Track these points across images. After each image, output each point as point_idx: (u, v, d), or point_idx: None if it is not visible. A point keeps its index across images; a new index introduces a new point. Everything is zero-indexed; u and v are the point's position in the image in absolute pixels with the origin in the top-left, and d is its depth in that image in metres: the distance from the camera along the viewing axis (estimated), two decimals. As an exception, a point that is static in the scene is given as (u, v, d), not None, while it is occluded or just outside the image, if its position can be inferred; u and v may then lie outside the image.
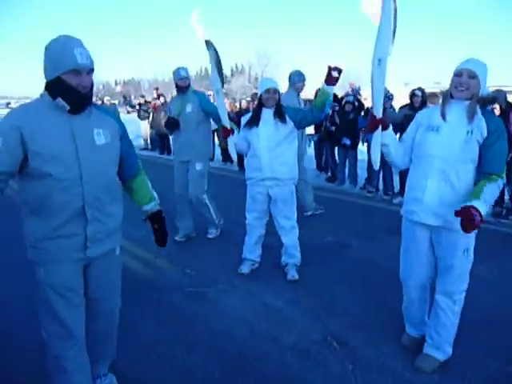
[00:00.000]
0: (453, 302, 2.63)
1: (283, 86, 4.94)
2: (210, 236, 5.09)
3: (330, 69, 3.53)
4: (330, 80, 3.55)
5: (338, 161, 8.24)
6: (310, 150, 8.61)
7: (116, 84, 73.11)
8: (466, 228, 2.15)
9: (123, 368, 2.64)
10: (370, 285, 3.84)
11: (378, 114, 2.55)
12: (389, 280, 3.66)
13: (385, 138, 2.60)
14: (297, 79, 5.67)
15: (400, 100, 9.96)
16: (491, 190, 2.30)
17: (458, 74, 2.41)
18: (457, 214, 2.18)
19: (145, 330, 3.15)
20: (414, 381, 2.59)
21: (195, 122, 4.74)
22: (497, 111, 5.75)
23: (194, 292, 3.76)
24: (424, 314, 2.85)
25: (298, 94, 5.77)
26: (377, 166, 2.68)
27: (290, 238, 4.05)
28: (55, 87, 1.90)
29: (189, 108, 4.71)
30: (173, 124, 4.78)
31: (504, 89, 7.70)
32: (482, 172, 2.38)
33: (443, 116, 2.47)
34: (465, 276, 2.60)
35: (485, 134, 2.38)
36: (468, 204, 2.20)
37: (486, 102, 2.48)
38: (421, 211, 2.53)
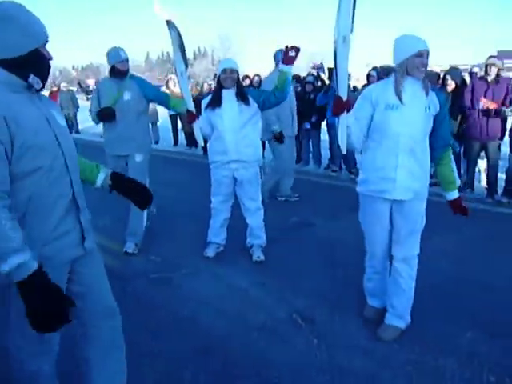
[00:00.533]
0: (410, 268, 2.76)
1: (248, 68, 4.88)
2: (129, 250, 4.22)
3: (287, 48, 3.55)
4: (288, 60, 3.58)
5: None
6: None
7: (73, 69, 70.62)
8: (466, 213, 2.73)
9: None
10: (334, 262, 3.92)
11: (344, 95, 2.45)
12: (352, 256, 3.74)
13: (349, 119, 2.53)
14: (280, 57, 5.51)
15: (363, 81, 10.08)
16: (453, 164, 2.71)
17: (419, 55, 2.45)
18: (455, 210, 2.75)
19: (110, 318, 3.10)
20: (376, 351, 2.68)
21: (135, 111, 4.10)
22: (450, 88, 5.91)
23: (159, 278, 3.73)
24: (386, 283, 2.94)
25: None
26: (345, 149, 2.62)
27: (256, 219, 4.07)
28: (30, 62, 1.62)
29: (127, 96, 4.03)
30: (108, 115, 4.07)
31: (460, 67, 7.94)
32: (442, 145, 2.61)
33: (399, 95, 2.51)
34: (419, 240, 2.77)
35: (438, 108, 2.54)
36: (454, 198, 2.72)
37: (431, 80, 2.63)
38: (393, 189, 2.59)
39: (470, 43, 70.45)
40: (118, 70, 4.02)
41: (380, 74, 6.40)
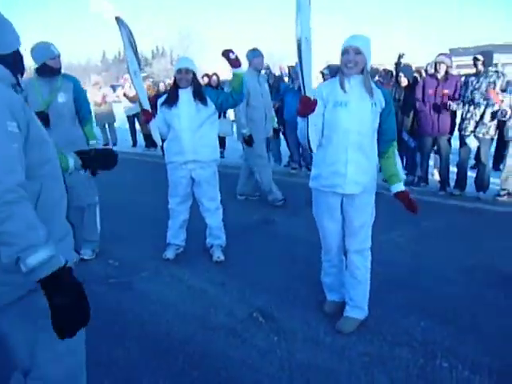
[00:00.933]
0: (365, 259, 2.85)
1: (208, 67, 4.80)
2: (85, 257, 4.03)
3: (224, 54, 3.63)
4: (233, 63, 3.65)
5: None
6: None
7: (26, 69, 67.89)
8: (415, 210, 2.71)
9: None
10: (294, 258, 3.95)
11: (311, 95, 2.44)
12: (312, 252, 3.77)
13: (314, 118, 2.53)
14: (251, 56, 5.39)
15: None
16: (398, 159, 2.77)
17: (344, 52, 2.53)
18: (404, 204, 2.73)
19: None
20: (334, 344, 2.72)
21: (72, 114, 3.80)
22: (404, 83, 6.09)
23: (118, 282, 3.65)
24: (343, 276, 2.99)
25: (259, 72, 5.52)
26: (315, 149, 2.62)
27: (215, 219, 4.04)
28: (16, 61, 1.60)
29: (62, 98, 3.66)
30: (41, 120, 3.80)
31: (417, 65, 8.19)
32: (386, 140, 2.69)
33: (344, 89, 2.59)
34: (370, 232, 2.85)
35: (383, 104, 2.62)
36: (399, 190, 2.72)
37: (384, 77, 2.71)
38: (344, 183, 2.66)
39: (428, 42, 72.77)
40: (50, 68, 3.56)
41: (332, 72, 6.52)
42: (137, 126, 10.92)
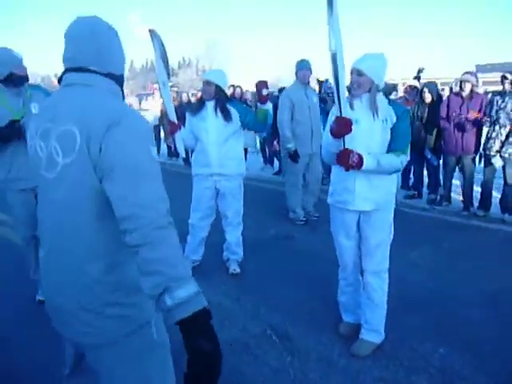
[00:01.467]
0: (382, 281, 2.79)
1: (234, 79, 4.84)
2: None
3: (258, 88, 3.67)
4: (262, 99, 3.70)
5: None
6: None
7: (55, 77, 69.91)
8: (340, 161, 2.47)
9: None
10: (312, 276, 3.90)
11: (347, 115, 2.43)
12: (330, 270, 3.72)
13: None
14: (297, 68, 5.20)
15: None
16: (390, 158, 2.57)
17: (350, 73, 2.59)
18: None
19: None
20: (349, 367, 2.67)
21: None
22: (428, 99, 6.01)
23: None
24: (359, 297, 2.94)
25: (307, 84, 5.33)
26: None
27: (234, 234, 4.03)
28: (121, 83, 1.58)
29: (35, 108, 3.10)
30: (15, 132, 3.03)
31: (443, 80, 8.07)
32: (389, 149, 2.63)
33: (353, 109, 2.61)
34: (388, 253, 2.78)
35: (394, 120, 2.61)
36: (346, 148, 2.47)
37: (385, 92, 2.71)
38: (353, 200, 2.66)
39: (456, 57, 71.83)
40: (19, 77, 3.08)
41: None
42: (162, 134, 11.07)
